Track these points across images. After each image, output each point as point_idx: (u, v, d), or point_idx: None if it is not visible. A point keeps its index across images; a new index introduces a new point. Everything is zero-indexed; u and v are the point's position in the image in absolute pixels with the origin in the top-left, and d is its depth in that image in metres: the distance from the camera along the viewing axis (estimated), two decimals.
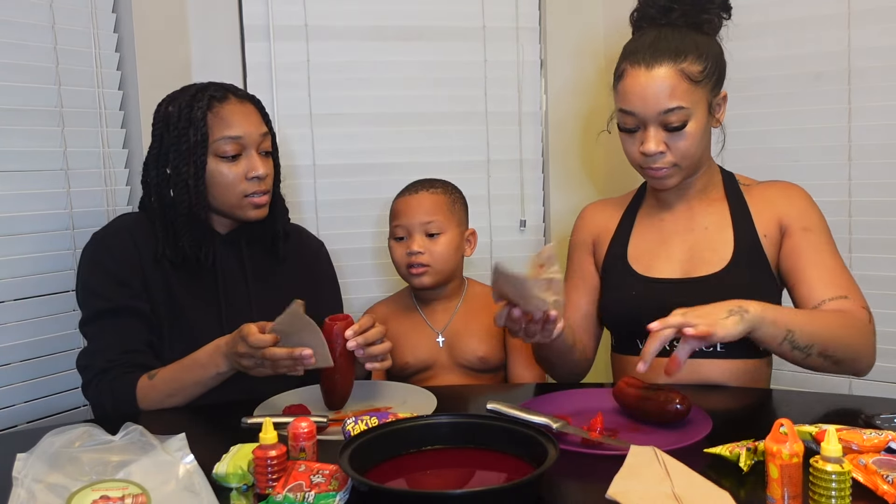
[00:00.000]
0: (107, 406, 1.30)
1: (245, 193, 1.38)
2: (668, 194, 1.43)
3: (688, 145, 1.31)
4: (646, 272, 1.41)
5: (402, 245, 1.59)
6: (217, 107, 1.37)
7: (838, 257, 1.36)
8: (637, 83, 1.30)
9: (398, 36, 1.97)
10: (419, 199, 1.59)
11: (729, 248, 1.37)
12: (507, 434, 0.98)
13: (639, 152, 1.34)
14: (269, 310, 1.44)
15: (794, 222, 1.36)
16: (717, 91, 1.36)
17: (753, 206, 1.40)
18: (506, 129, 2.04)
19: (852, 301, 1.30)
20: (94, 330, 1.35)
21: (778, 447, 0.81)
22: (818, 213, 1.38)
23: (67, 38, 1.61)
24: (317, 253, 1.60)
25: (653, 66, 1.29)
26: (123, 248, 1.36)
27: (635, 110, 1.31)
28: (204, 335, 1.30)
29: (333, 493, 0.87)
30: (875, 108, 1.75)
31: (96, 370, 1.31)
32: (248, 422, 1.15)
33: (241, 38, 1.90)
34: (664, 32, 1.34)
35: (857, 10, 1.74)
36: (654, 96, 1.29)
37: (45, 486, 0.86)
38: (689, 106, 1.29)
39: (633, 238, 1.46)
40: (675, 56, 1.29)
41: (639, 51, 1.32)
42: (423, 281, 1.58)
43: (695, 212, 1.42)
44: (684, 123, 1.30)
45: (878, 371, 1.77)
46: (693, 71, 1.30)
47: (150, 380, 1.28)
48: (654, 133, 1.31)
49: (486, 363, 1.61)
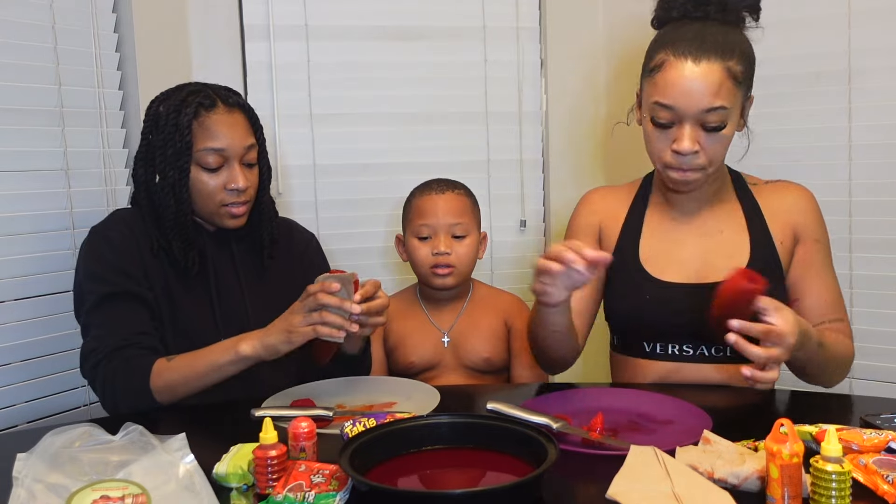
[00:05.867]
0: (117, 386, 1.27)
1: (223, 203, 1.38)
2: (680, 197, 1.38)
3: (721, 149, 1.27)
4: (659, 275, 1.36)
5: (427, 244, 1.59)
6: (204, 115, 1.36)
7: (835, 274, 1.38)
8: (682, 76, 1.22)
9: (398, 36, 1.97)
10: (447, 200, 1.59)
11: (745, 253, 1.33)
12: (507, 434, 0.98)
13: (670, 150, 1.27)
14: (262, 305, 1.45)
15: (808, 233, 1.35)
16: (748, 94, 1.30)
17: (767, 210, 1.37)
18: (506, 129, 2.04)
19: (846, 324, 1.33)
20: (101, 314, 1.33)
21: (778, 447, 0.81)
22: (823, 222, 1.39)
23: (67, 38, 1.61)
24: (307, 246, 1.60)
25: (700, 59, 1.21)
26: (123, 238, 1.37)
27: (676, 105, 1.23)
28: (199, 330, 1.31)
29: (333, 493, 0.87)
30: (875, 108, 1.75)
31: (109, 349, 1.29)
32: (256, 414, 1.15)
33: (241, 38, 1.90)
34: (708, 26, 1.26)
35: (857, 10, 1.74)
36: (699, 92, 1.21)
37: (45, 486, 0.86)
38: (730, 107, 1.23)
39: (645, 237, 1.41)
40: (722, 52, 1.22)
41: (683, 42, 1.23)
42: (447, 282, 1.59)
43: (709, 215, 1.38)
44: (723, 124, 1.24)
45: (879, 371, 1.78)
46: (737, 71, 1.23)
47: (168, 362, 1.28)
48: (691, 131, 1.24)
49: (490, 364, 1.62)
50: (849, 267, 1.79)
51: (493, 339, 1.62)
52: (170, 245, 1.38)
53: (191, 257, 1.39)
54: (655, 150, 1.30)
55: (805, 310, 1.32)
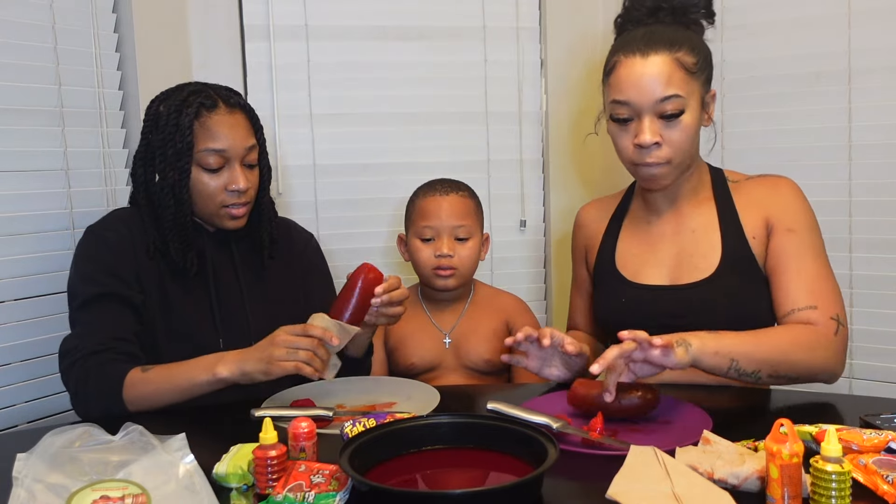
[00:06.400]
0: (89, 390, 1.26)
1: (224, 204, 1.38)
2: (656, 196, 1.41)
3: (683, 137, 1.29)
4: (634, 278, 1.40)
5: (429, 246, 1.59)
6: (205, 115, 1.35)
7: (820, 259, 1.32)
8: (632, 71, 1.28)
9: (398, 36, 1.97)
10: (451, 202, 1.59)
11: (717, 252, 1.35)
12: (507, 434, 0.98)
13: (632, 145, 1.31)
14: (262, 306, 1.44)
15: (779, 222, 1.33)
16: (707, 88, 1.34)
17: (741, 205, 1.37)
18: (506, 129, 2.04)
19: (820, 312, 1.27)
20: (86, 315, 1.32)
21: (778, 447, 0.81)
22: (805, 210, 1.35)
23: (67, 38, 1.61)
24: (306, 246, 1.60)
25: (648, 53, 1.28)
26: (119, 239, 1.36)
27: (630, 99, 1.28)
28: (198, 332, 1.30)
29: (333, 493, 0.87)
30: (875, 108, 1.75)
31: (84, 352, 1.28)
32: (256, 414, 1.15)
33: (241, 38, 1.90)
34: (656, 26, 1.33)
35: (857, 10, 1.74)
36: (650, 83, 1.27)
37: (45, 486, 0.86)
38: (684, 95, 1.27)
39: (621, 242, 1.45)
40: (669, 45, 1.28)
41: (632, 42, 1.30)
42: (449, 283, 1.59)
43: (682, 214, 1.40)
44: (680, 112, 1.28)
45: (879, 371, 1.78)
46: (688, 61, 1.28)
47: (143, 372, 1.26)
48: (650, 123, 1.28)
49: (491, 365, 1.62)
50: (849, 267, 1.79)
51: (493, 341, 1.63)
52: (167, 246, 1.37)
53: (189, 258, 1.39)
54: (621, 148, 1.34)
55: (775, 303, 1.31)
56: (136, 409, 1.25)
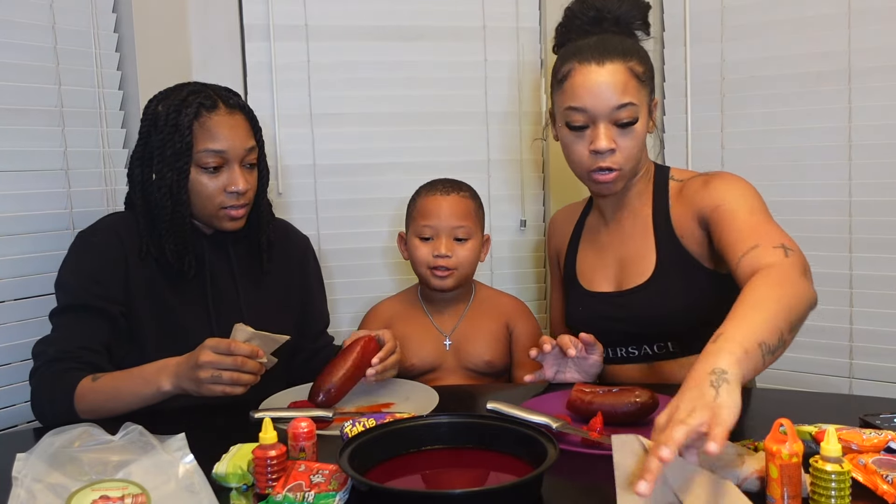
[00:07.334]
0: (43, 396, 1.26)
1: (223, 206, 1.37)
2: (606, 204, 1.45)
3: (634, 145, 1.32)
4: (589, 286, 1.45)
5: (428, 245, 1.59)
6: (205, 116, 1.35)
7: (755, 213, 1.23)
8: (588, 79, 1.29)
9: (398, 36, 1.96)
10: (451, 202, 1.59)
11: (652, 255, 1.36)
12: (507, 434, 0.98)
13: (588, 152, 1.32)
14: (259, 308, 1.44)
15: (706, 209, 1.29)
16: (652, 96, 1.38)
17: (674, 205, 1.38)
18: (506, 129, 2.04)
19: (763, 248, 1.15)
20: (58, 321, 1.33)
21: (778, 447, 0.81)
22: (734, 188, 1.28)
23: (67, 38, 1.61)
24: (304, 250, 1.60)
25: (604, 62, 1.30)
26: (108, 246, 1.35)
27: (587, 106, 1.30)
28: (194, 336, 1.30)
29: (333, 493, 0.87)
30: (875, 108, 1.75)
31: (48, 358, 1.28)
32: (256, 415, 1.15)
33: (241, 38, 1.90)
34: (606, 35, 1.36)
35: (857, 10, 1.74)
36: (607, 91, 1.29)
37: (45, 486, 0.86)
38: (637, 103, 1.31)
39: (581, 251, 1.50)
40: (623, 54, 1.31)
41: (586, 50, 1.32)
42: (446, 283, 1.59)
43: (624, 220, 1.43)
44: (634, 120, 1.31)
45: (878, 371, 1.78)
46: (639, 71, 1.32)
47: (92, 381, 1.25)
48: (605, 129, 1.30)
49: (491, 366, 1.62)
50: (849, 267, 1.79)
51: (494, 342, 1.63)
52: (162, 249, 1.36)
53: (187, 261, 1.38)
54: (576, 156, 1.35)
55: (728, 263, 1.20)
56: (90, 418, 1.22)
